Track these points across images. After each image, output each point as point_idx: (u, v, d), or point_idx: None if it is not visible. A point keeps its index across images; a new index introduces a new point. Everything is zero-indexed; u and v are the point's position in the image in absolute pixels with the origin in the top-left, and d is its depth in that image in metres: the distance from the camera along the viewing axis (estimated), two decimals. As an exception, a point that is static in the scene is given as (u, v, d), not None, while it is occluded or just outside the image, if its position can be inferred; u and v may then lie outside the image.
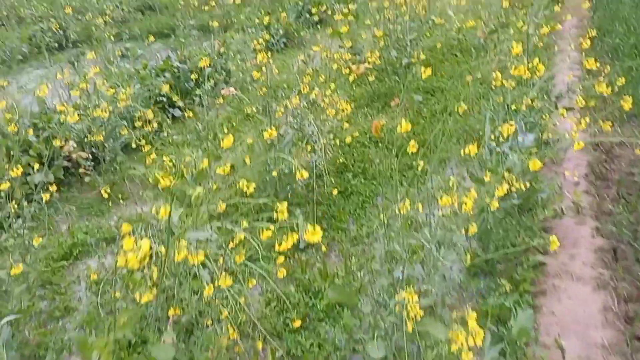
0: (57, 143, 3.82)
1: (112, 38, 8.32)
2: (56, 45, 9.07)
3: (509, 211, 2.86)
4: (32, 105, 4.90)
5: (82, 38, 9.29)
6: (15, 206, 3.37)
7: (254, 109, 3.65)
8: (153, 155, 3.26)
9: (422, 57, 4.13)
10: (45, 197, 3.10)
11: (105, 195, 3.09)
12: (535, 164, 2.11)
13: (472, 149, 2.10)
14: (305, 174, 2.17)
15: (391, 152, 4.00)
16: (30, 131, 3.98)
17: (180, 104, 5.29)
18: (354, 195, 3.48)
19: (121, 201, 3.78)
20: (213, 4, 8.74)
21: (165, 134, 3.77)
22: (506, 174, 2.41)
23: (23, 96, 6.20)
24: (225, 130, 4.24)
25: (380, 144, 4.13)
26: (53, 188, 3.30)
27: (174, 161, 3.07)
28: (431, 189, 3.08)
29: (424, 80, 5.19)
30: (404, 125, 2.16)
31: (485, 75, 5.02)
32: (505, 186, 2.33)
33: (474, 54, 5.40)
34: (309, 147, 3.11)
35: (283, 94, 5.09)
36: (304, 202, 3.34)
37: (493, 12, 5.72)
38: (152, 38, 6.45)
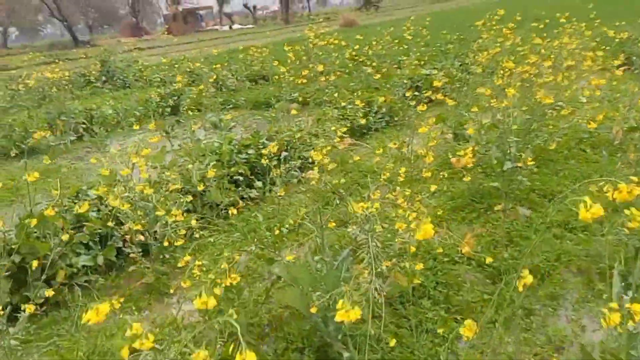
0: (109, 223, 3.52)
1: (217, 106, 8.40)
2: (169, 110, 9.32)
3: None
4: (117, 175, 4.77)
5: (193, 104, 9.50)
6: (51, 292, 3.02)
7: (305, 212, 3.02)
8: (187, 257, 2.73)
9: (532, 160, 3.31)
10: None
11: (117, 305, 2.59)
12: None
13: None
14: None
15: (488, 276, 3.18)
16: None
17: (259, 184, 4.91)
18: (428, 335, 2.69)
19: (165, 297, 3.33)
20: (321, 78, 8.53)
21: (198, 236, 3.25)
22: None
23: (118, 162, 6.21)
24: (286, 227, 3.68)
25: (473, 263, 3.31)
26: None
27: (205, 268, 2.54)
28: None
29: (540, 182, 4.32)
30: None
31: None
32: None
33: (606, 153, 4.44)
34: (365, 272, 2.42)
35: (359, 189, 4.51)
36: (359, 340, 2.60)
37: (635, 106, 4.74)
38: (229, 115, 6.19)
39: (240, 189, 4.66)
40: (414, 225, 2.59)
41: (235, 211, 3.03)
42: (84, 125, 8.01)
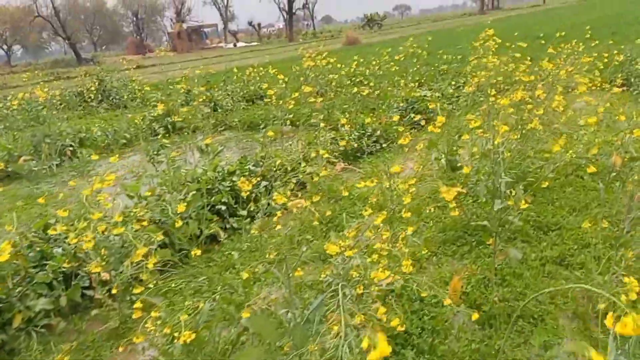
0: (66, 264, 3.29)
1: (210, 128, 8.22)
2: (162, 130, 9.14)
3: None
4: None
5: (186, 124, 9.33)
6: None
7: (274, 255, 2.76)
8: (138, 304, 2.47)
9: (526, 202, 3.03)
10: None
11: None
12: None
13: None
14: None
15: (477, 320, 2.93)
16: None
17: (243, 213, 4.69)
18: (409, 392, 2.46)
19: (129, 344, 3.09)
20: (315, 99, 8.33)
21: (152, 285, 2.95)
22: None
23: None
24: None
25: (463, 305, 3.07)
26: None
27: (160, 320, 2.31)
28: None
29: (535, 212, 4.10)
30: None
31: (617, 215, 3.82)
32: None
33: (603, 184, 4.20)
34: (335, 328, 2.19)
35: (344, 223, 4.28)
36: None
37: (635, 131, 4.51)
38: (207, 139, 5.97)
39: (215, 220, 4.44)
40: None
41: (199, 252, 2.79)
42: (71, 148, 7.84)
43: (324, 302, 2.38)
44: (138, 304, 2.37)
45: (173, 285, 3.34)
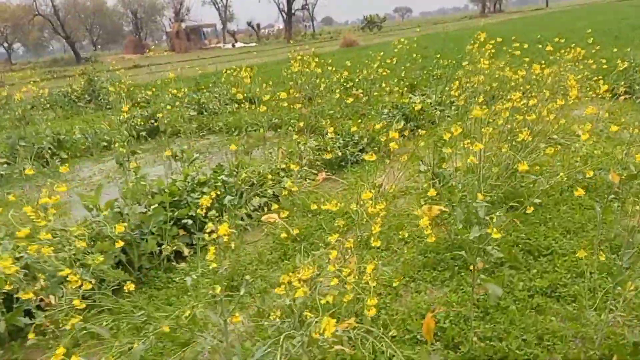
0: (8, 286, 2.95)
1: (192, 132, 7.90)
2: (144, 133, 8.79)
3: None
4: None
5: (170, 128, 8.99)
6: None
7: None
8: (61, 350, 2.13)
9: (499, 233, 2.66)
10: None
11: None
12: None
13: None
14: None
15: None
16: None
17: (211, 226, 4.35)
18: None
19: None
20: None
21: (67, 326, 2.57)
22: None
23: (72, 195, 5.69)
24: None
25: (439, 344, 2.73)
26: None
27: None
28: None
29: (526, 234, 3.76)
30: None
31: (615, 239, 3.49)
32: None
33: (601, 204, 3.87)
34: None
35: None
36: None
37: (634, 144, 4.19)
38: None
39: (182, 235, 4.12)
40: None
41: (132, 287, 2.45)
42: (49, 151, 7.51)
43: (268, 350, 2.05)
44: (60, 350, 2.02)
45: (105, 323, 2.98)
